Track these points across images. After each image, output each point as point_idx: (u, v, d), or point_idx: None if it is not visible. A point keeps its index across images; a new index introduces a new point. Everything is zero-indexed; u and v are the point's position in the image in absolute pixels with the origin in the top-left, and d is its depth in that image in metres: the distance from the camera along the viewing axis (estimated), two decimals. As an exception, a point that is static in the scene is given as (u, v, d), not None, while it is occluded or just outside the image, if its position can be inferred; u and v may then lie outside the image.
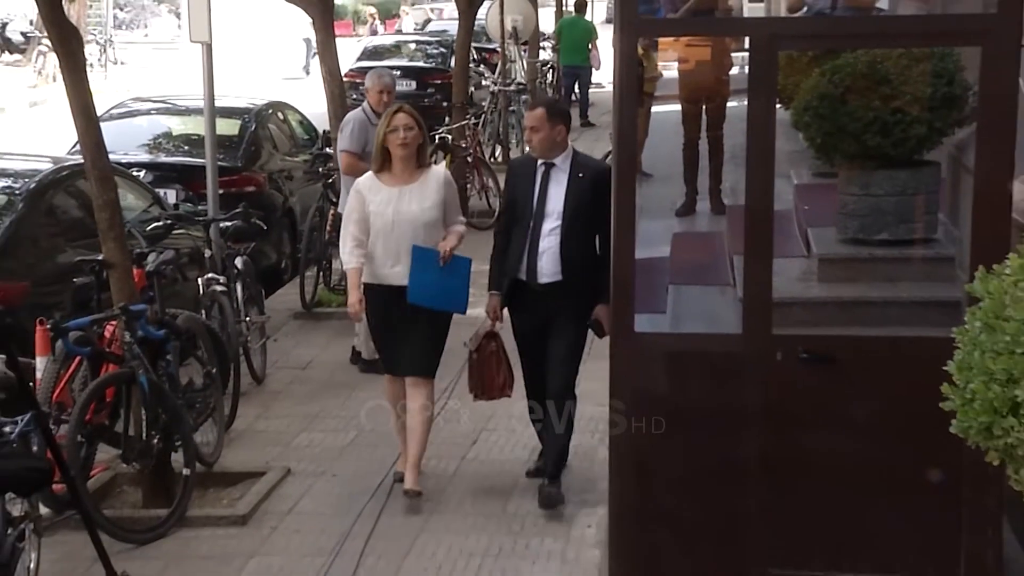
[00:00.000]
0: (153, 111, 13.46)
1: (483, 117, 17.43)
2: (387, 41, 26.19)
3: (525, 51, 22.53)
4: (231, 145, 11.99)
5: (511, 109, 18.41)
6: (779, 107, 6.25)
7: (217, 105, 9.87)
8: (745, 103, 5.51)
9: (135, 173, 10.59)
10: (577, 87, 22.68)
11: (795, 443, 5.58)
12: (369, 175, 7.09)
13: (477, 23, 17.15)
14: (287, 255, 12.39)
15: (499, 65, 19.17)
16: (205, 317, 8.26)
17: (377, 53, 23.26)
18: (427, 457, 7.28)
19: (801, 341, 5.60)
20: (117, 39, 36.04)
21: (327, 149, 11.48)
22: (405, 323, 6.92)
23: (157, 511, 6.84)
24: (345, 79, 12.48)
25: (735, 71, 10.39)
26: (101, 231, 6.95)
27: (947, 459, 5.23)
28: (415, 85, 21.26)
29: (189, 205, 10.47)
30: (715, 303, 7.82)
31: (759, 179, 5.47)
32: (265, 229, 10.05)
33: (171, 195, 10.98)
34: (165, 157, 12.10)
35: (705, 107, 10.72)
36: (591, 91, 22.82)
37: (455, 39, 16.98)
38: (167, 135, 12.77)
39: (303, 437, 8.16)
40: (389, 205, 6.92)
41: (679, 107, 10.99)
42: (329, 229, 10.74)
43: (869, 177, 7.46)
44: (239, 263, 9.17)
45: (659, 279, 7.96)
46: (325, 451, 7.89)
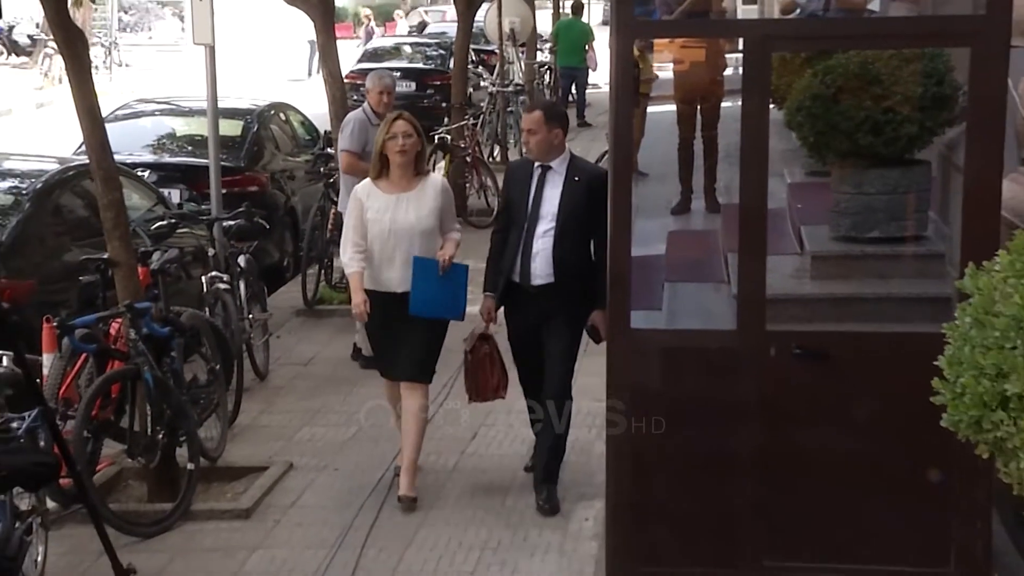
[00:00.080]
0: (157, 112, 13.44)
1: (482, 117, 17.45)
2: (387, 43, 26.19)
3: (523, 53, 22.46)
4: (234, 145, 11.99)
5: (509, 110, 18.42)
6: (772, 107, 6.30)
7: (220, 106, 9.85)
8: (739, 103, 5.54)
9: (140, 173, 10.60)
10: (574, 88, 22.65)
11: (788, 437, 5.60)
12: (367, 182, 7.05)
13: (476, 25, 17.19)
14: (289, 253, 12.39)
15: (497, 66, 19.13)
16: (209, 314, 8.29)
17: (377, 55, 23.22)
18: (427, 452, 7.29)
19: (794, 337, 5.61)
20: (122, 42, 35.92)
21: (328, 149, 11.47)
22: (403, 328, 6.90)
23: (162, 505, 6.86)
24: (346, 80, 12.46)
25: (729, 72, 10.42)
26: (106, 230, 6.96)
27: (937, 452, 5.25)
28: (415, 86, 21.25)
29: (193, 204, 10.52)
30: (710, 300, 7.83)
31: (753, 178, 5.49)
32: (267, 228, 10.09)
33: (175, 195, 11.00)
34: (169, 157, 12.10)
35: (700, 107, 10.68)
36: (588, 92, 22.80)
37: (454, 41, 17.03)
38: (171, 136, 12.76)
39: (305, 432, 8.19)
40: (387, 212, 6.89)
41: (674, 107, 10.98)
42: (330, 228, 10.75)
43: (861, 176, 7.48)
44: (242, 261, 9.19)
45: (655, 276, 7.98)
46: (327, 446, 7.92)
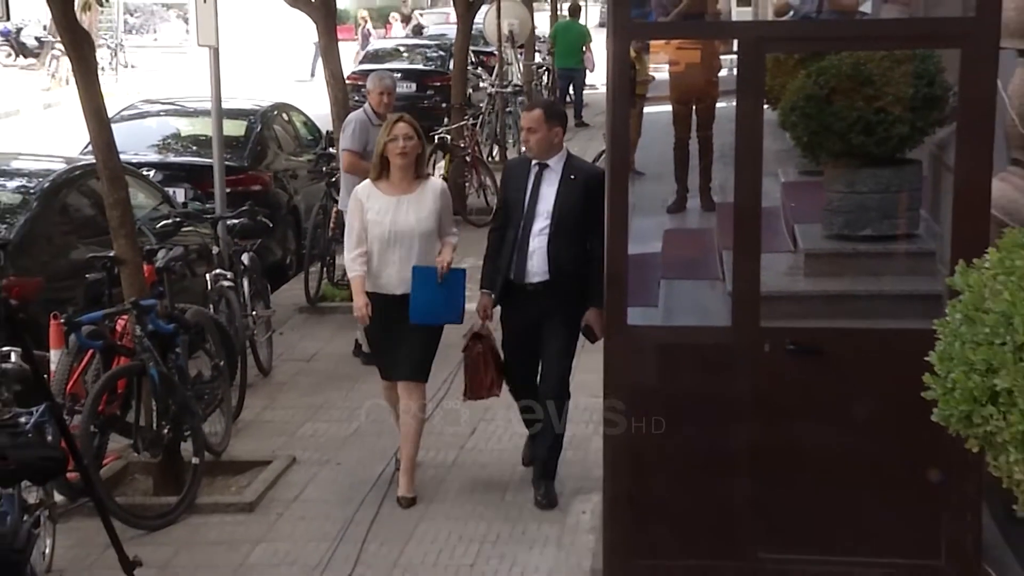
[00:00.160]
0: (162, 113, 13.50)
1: (481, 118, 17.49)
2: (388, 45, 26.24)
3: (521, 54, 22.46)
4: (238, 145, 12.05)
5: (508, 110, 18.44)
6: (766, 107, 6.31)
7: (224, 107, 9.89)
8: (734, 104, 5.56)
9: (145, 173, 10.64)
10: (572, 89, 22.73)
11: (782, 431, 5.63)
12: (367, 183, 7.03)
13: (475, 27, 17.23)
14: (292, 251, 12.43)
15: (496, 68, 19.14)
16: (213, 311, 8.31)
17: (378, 56, 23.24)
18: (426, 448, 7.35)
19: (788, 333, 5.64)
20: (127, 43, 35.82)
21: (330, 149, 11.50)
22: (401, 330, 6.91)
23: (167, 498, 6.92)
24: (347, 82, 12.50)
25: (724, 73, 10.42)
26: (112, 229, 7.03)
27: (929, 447, 5.26)
28: (415, 87, 21.26)
29: (197, 203, 10.52)
30: (705, 297, 7.86)
31: (747, 177, 5.52)
32: (271, 226, 10.17)
33: (180, 194, 11.06)
34: (174, 157, 12.17)
35: (695, 108, 10.72)
36: (585, 93, 22.87)
37: (453, 43, 17.09)
38: (176, 136, 12.82)
39: (308, 427, 8.24)
40: (387, 215, 6.88)
41: (670, 108, 11.00)
42: (332, 226, 10.79)
43: (853, 175, 7.53)
44: (246, 259, 9.24)
45: (651, 274, 8.01)
46: (329, 440, 7.97)
